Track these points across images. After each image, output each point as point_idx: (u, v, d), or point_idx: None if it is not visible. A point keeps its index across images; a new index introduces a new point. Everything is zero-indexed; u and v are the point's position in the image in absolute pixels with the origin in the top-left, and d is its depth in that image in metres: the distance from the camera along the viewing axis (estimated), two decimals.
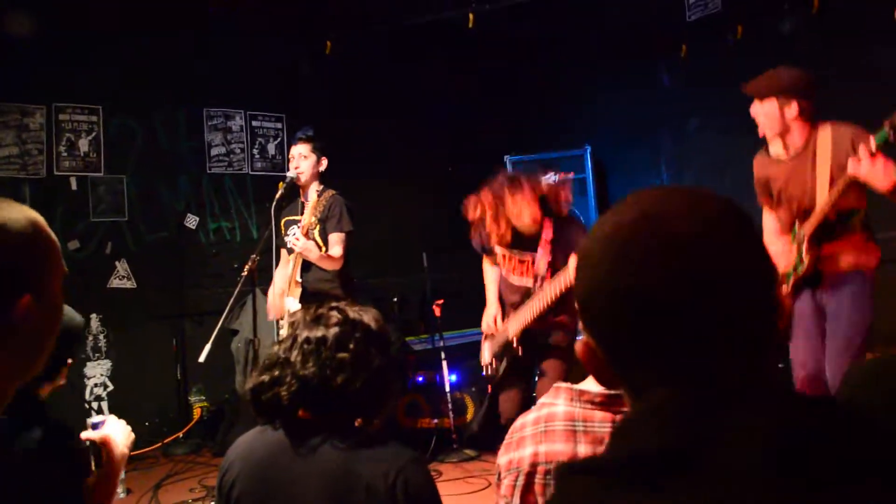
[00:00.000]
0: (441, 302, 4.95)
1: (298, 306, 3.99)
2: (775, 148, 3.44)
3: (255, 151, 6.57)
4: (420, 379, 5.29)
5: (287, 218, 4.39)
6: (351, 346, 1.70)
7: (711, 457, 0.69)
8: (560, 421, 1.51)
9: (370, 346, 1.74)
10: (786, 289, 3.41)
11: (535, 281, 3.78)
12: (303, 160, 4.27)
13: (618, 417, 1.47)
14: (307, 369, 1.67)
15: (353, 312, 1.77)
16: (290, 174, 4.27)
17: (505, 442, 1.62)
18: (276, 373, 1.70)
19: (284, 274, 4.28)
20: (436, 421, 5.06)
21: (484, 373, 4.09)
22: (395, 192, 6.74)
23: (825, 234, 3.27)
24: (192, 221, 6.28)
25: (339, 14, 6.15)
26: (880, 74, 4.95)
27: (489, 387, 4.22)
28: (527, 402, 3.81)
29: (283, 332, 1.83)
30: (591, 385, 1.53)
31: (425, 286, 5.30)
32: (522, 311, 3.80)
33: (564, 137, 6.73)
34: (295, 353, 1.70)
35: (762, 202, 3.63)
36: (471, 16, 5.13)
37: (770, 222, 3.61)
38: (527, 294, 3.81)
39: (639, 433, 0.76)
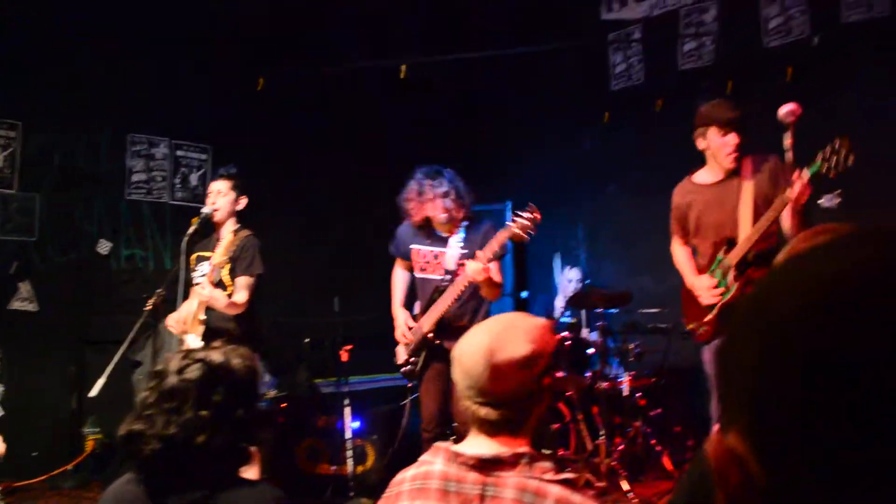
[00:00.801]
0: (349, 347, 4.93)
1: (200, 343, 3.94)
2: (703, 175, 3.67)
3: (176, 181, 6.49)
4: (322, 424, 5.23)
5: (199, 253, 4.33)
6: (214, 398, 1.69)
7: None
8: (435, 479, 1.58)
9: (234, 398, 1.73)
10: (710, 317, 3.52)
11: (446, 276, 4.00)
12: (220, 197, 4.23)
13: (489, 480, 1.54)
14: (168, 430, 1.65)
15: (219, 358, 1.76)
16: (206, 210, 4.22)
17: (385, 494, 1.69)
18: (140, 427, 1.68)
19: (189, 307, 4.22)
20: (334, 467, 5.00)
21: (401, 371, 4.22)
22: (315, 232, 6.74)
23: (753, 261, 3.41)
24: (104, 247, 6.14)
25: (276, 51, 6.18)
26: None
27: (408, 383, 4.34)
28: (447, 400, 3.96)
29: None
30: (466, 448, 1.61)
31: (337, 329, 5.28)
32: (435, 306, 3.98)
33: (486, 192, 6.85)
34: (157, 409, 1.68)
35: (674, 231, 3.83)
36: (403, 67, 5.23)
37: (680, 254, 3.81)
38: (437, 290, 3.99)
39: None
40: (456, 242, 4.07)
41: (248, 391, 1.77)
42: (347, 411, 4.85)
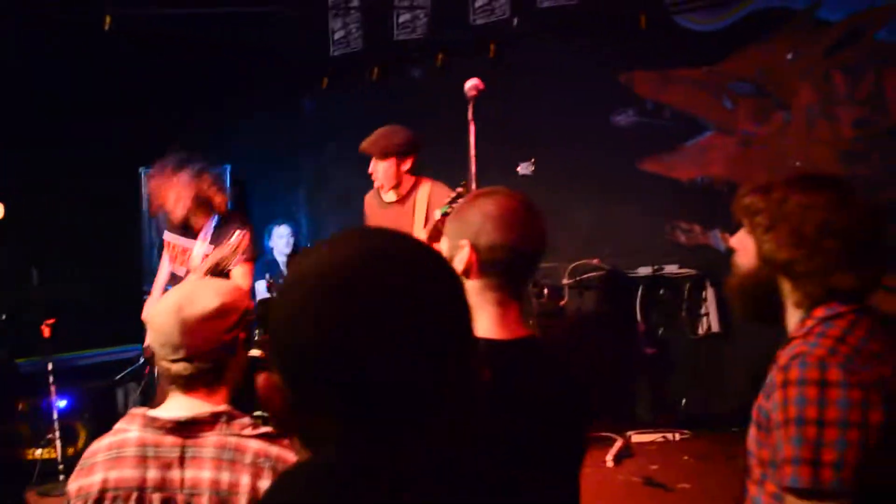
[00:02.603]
0: (52, 321, 4.53)
1: None
2: (387, 194, 3.86)
3: None
4: (23, 407, 4.80)
5: None
6: None
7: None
8: (131, 447, 1.60)
9: None
10: None
11: (188, 272, 3.80)
12: None
13: (188, 442, 1.59)
14: None
15: None
16: None
17: (77, 467, 1.67)
18: None
19: None
20: (40, 451, 4.62)
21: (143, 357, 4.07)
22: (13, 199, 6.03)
23: None
24: None
25: None
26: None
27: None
28: None
29: None
30: (163, 412, 1.65)
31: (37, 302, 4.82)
32: None
33: (204, 154, 6.62)
34: None
35: None
36: (107, 18, 4.83)
37: None
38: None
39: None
40: (203, 239, 3.88)
41: None
42: (52, 390, 4.49)
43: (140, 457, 1.58)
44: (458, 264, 1.58)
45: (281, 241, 6.04)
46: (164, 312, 1.66)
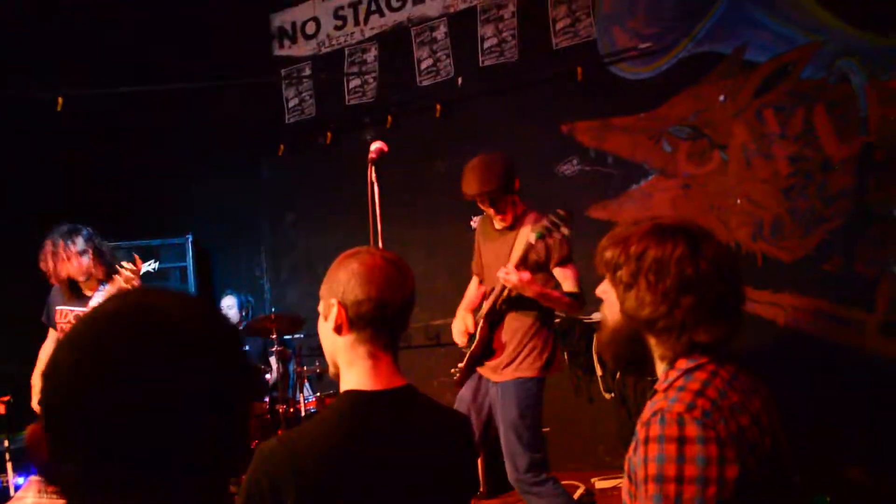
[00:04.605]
0: (6, 399, 4.54)
1: None
2: (496, 221, 3.58)
3: None
4: None
5: None
6: None
7: None
8: None
9: None
10: (461, 365, 3.60)
11: None
12: None
13: None
14: None
15: None
16: None
17: None
18: None
19: None
20: None
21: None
22: None
23: (497, 319, 3.48)
24: None
25: None
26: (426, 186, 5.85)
27: None
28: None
29: None
30: None
31: None
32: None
33: (167, 226, 6.73)
34: None
35: (474, 268, 3.82)
36: (59, 99, 4.97)
37: (472, 291, 3.81)
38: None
39: None
40: (96, 301, 4.00)
41: None
42: (10, 468, 4.48)
43: None
44: (331, 322, 1.65)
45: (229, 311, 6.07)
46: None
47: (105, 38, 6.22)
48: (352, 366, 1.66)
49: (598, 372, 5.26)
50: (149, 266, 6.46)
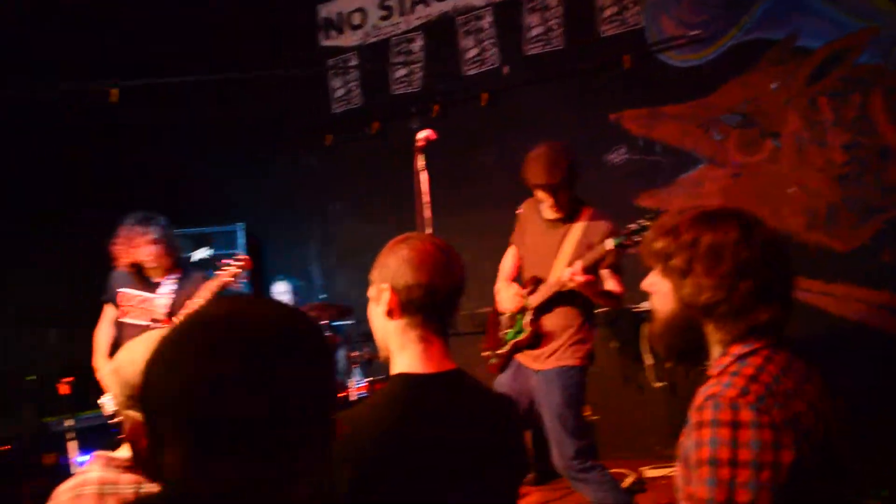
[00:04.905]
0: (69, 380, 4.69)
1: None
2: (547, 211, 3.53)
3: None
4: (49, 462, 4.95)
5: None
6: None
7: None
8: (92, 485, 1.70)
9: None
10: (502, 351, 3.62)
11: (153, 321, 4.01)
12: None
13: (143, 478, 1.69)
14: None
15: None
16: None
17: None
18: None
19: None
20: None
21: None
22: (24, 261, 6.26)
23: (550, 308, 3.47)
24: None
25: None
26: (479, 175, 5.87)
27: None
28: None
29: None
30: (122, 452, 1.76)
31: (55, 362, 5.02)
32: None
33: (219, 214, 6.86)
34: None
35: (512, 240, 3.78)
36: (114, 91, 5.08)
37: (508, 263, 3.79)
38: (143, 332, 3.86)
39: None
40: (166, 289, 4.12)
41: None
42: (72, 446, 4.63)
43: (98, 494, 1.68)
44: (382, 307, 1.68)
45: (283, 297, 6.15)
46: (133, 363, 1.69)
47: (160, 33, 6.37)
48: (403, 349, 1.68)
49: (648, 361, 5.22)
50: (203, 253, 6.64)
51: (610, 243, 3.25)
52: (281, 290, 6.17)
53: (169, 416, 0.94)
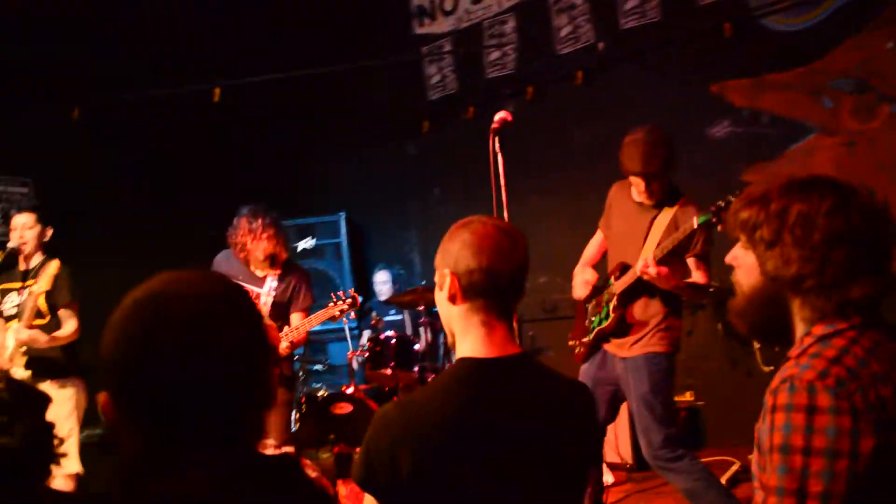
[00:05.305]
0: None
1: (27, 374, 3.99)
2: (636, 193, 3.46)
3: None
4: None
5: (3, 286, 4.34)
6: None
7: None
8: None
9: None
10: (587, 339, 3.57)
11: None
12: (27, 230, 4.28)
13: None
14: None
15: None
16: (13, 244, 4.28)
17: None
18: None
19: (3, 341, 4.21)
20: None
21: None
22: (138, 259, 6.62)
23: (636, 295, 3.38)
24: None
25: (89, 80, 6.09)
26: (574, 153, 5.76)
27: None
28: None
29: None
30: None
31: None
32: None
33: (320, 204, 7.06)
34: None
35: (600, 224, 3.72)
36: (216, 91, 5.32)
37: (592, 247, 3.75)
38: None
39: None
40: (270, 285, 4.19)
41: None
42: None
43: None
44: (445, 292, 1.68)
45: (384, 286, 6.23)
46: None
47: (259, 29, 6.59)
48: (466, 334, 1.67)
49: (756, 344, 5.01)
50: (307, 243, 6.84)
51: (695, 221, 3.13)
52: (382, 280, 6.26)
53: (123, 391, 1.04)
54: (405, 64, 6.72)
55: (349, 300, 4.20)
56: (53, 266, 4.16)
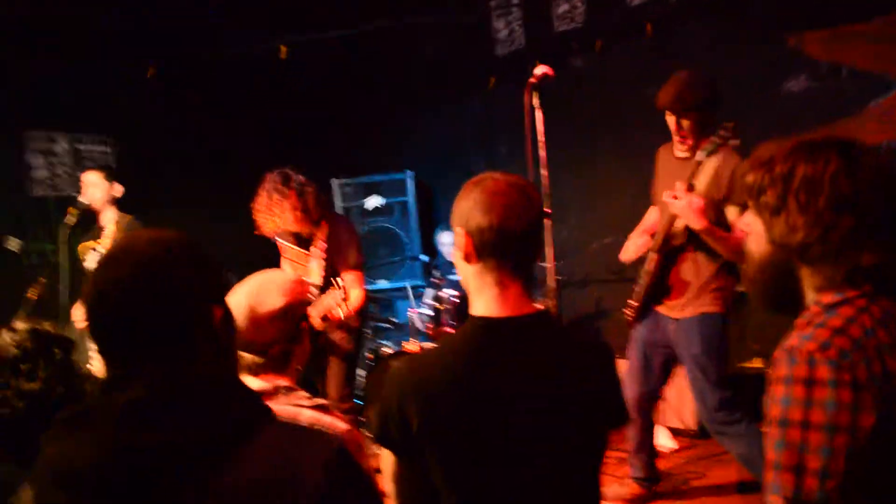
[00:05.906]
0: None
1: None
2: (678, 149, 3.47)
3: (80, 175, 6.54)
4: None
5: (85, 244, 4.53)
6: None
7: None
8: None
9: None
10: (635, 302, 3.55)
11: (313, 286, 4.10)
12: (94, 187, 4.44)
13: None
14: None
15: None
16: (83, 199, 4.44)
17: None
18: None
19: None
20: None
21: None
22: (220, 217, 6.81)
23: (677, 249, 3.35)
24: (14, 244, 6.20)
25: (160, 39, 6.26)
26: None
27: None
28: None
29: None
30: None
31: None
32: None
33: (388, 162, 7.09)
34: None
35: (652, 192, 3.71)
36: (283, 48, 5.38)
37: (653, 214, 3.73)
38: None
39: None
40: (319, 246, 4.12)
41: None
42: None
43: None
44: (460, 251, 1.68)
45: (449, 246, 6.25)
46: (235, 311, 1.88)
47: None
48: (480, 293, 1.67)
49: None
50: (375, 201, 6.90)
51: (700, 155, 3.09)
52: (446, 241, 6.28)
53: (92, 329, 1.21)
54: (474, 19, 6.62)
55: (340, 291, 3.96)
56: (123, 221, 4.34)
